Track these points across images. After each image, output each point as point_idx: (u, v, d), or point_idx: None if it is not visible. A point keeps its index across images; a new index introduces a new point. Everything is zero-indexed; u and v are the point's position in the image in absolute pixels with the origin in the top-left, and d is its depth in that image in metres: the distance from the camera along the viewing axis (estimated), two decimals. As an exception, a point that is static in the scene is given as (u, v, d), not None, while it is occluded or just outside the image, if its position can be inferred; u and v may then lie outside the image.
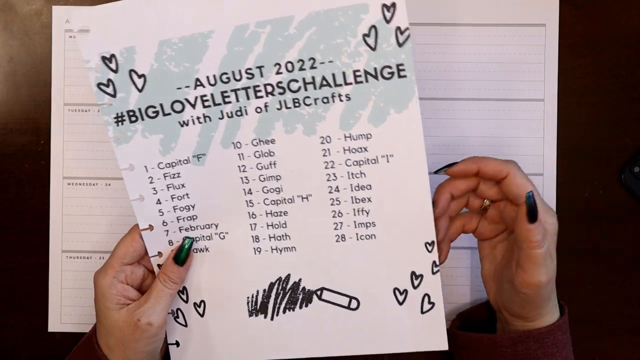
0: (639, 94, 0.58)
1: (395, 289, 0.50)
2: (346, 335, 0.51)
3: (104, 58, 0.47)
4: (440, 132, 0.58)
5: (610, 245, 0.58)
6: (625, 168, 0.57)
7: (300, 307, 0.51)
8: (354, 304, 0.51)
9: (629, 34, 0.58)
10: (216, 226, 0.51)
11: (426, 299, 0.49)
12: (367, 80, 0.46)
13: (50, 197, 0.58)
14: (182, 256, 0.50)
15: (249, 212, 0.50)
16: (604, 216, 0.58)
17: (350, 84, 0.46)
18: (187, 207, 0.50)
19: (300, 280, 0.51)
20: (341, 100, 0.46)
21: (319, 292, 0.51)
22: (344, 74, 0.46)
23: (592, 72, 0.58)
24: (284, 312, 0.52)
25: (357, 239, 0.50)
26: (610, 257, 0.58)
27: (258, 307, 0.52)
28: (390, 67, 0.45)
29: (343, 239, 0.50)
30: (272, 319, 0.52)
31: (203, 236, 0.51)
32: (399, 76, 0.45)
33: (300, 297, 0.51)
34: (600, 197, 0.58)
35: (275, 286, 0.51)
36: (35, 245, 0.59)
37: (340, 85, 0.46)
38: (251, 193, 0.50)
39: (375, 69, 0.45)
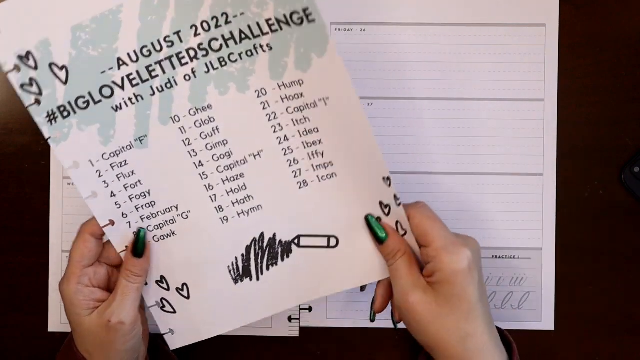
0: (639, 94, 0.58)
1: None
2: (332, 274, 0.52)
3: (20, 57, 0.45)
4: (441, 132, 0.58)
5: (610, 245, 0.58)
6: (625, 168, 0.57)
7: (283, 260, 0.51)
8: (333, 241, 0.51)
9: (629, 34, 0.58)
10: (177, 208, 0.50)
11: (399, 225, 0.49)
12: (281, 28, 0.45)
13: (50, 197, 0.58)
14: (139, 248, 0.50)
15: (205, 185, 0.50)
16: (604, 216, 0.58)
17: (267, 33, 0.45)
18: (142, 194, 0.50)
19: (274, 235, 0.51)
20: (264, 51, 0.46)
21: (296, 241, 0.51)
22: (258, 24, 0.45)
23: (592, 72, 0.58)
24: (268, 269, 0.52)
25: (319, 181, 0.50)
26: (610, 257, 0.58)
27: (241, 273, 0.52)
28: (297, 12, 0.44)
29: (305, 184, 0.50)
30: (257, 279, 0.52)
31: (166, 221, 0.51)
32: (308, 21, 0.44)
33: (280, 250, 0.51)
34: (600, 197, 0.58)
35: (253, 248, 0.51)
36: (35, 245, 0.59)
37: (259, 36, 0.45)
38: (202, 165, 0.49)
39: (284, 16, 0.44)
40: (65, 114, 0.47)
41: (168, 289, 0.52)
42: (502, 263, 0.58)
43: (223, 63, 0.46)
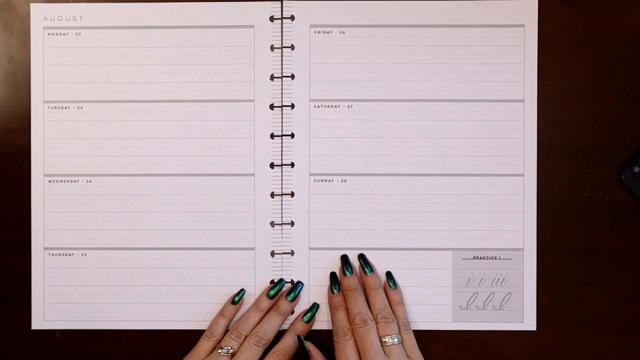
0: (639, 94, 0.58)
1: None
2: None
3: None
4: (422, 133, 0.58)
5: (610, 245, 0.58)
6: (625, 168, 0.57)
7: None
8: None
9: (629, 34, 0.58)
10: None
11: None
12: None
13: (31, 194, 0.58)
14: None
15: None
16: (604, 216, 0.58)
17: None
18: None
19: None
20: None
21: None
22: None
23: (592, 72, 0.58)
24: None
25: None
26: (610, 257, 0.58)
27: None
28: None
29: None
30: None
31: None
32: None
33: None
34: (600, 197, 0.58)
35: None
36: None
37: None
38: None
39: None
40: None
41: None
42: (483, 264, 0.58)
43: None
